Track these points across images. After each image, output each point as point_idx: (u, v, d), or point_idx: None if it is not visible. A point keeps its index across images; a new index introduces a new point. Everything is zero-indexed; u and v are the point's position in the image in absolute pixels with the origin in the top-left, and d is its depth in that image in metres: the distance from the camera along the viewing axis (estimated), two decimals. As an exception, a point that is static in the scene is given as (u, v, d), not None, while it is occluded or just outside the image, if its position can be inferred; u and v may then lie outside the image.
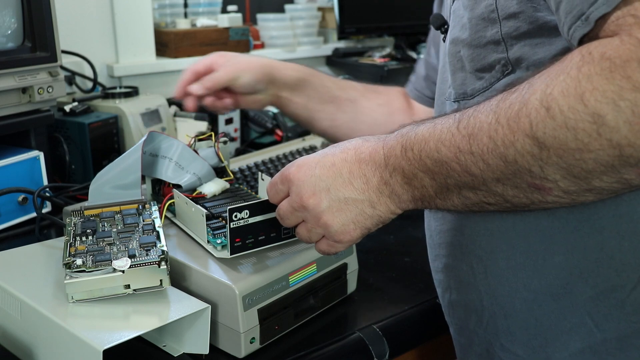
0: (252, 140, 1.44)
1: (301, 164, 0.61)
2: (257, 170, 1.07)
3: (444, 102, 0.71)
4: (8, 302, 0.66)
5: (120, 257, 0.64)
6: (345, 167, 0.59)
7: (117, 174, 0.78)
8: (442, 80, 0.72)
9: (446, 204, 0.56)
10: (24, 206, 0.98)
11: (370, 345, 0.71)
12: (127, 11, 1.39)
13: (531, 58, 0.58)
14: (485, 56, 0.61)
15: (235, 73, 0.91)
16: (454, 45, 0.65)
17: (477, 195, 0.53)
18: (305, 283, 0.71)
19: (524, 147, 0.47)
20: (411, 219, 1.05)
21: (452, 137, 0.52)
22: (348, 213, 0.59)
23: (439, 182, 0.54)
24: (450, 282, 0.70)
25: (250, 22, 1.72)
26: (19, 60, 0.96)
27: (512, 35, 0.58)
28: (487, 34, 0.60)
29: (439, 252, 0.71)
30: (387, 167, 0.57)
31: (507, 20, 0.58)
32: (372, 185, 0.58)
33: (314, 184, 0.59)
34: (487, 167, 0.50)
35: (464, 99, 0.65)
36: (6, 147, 1.02)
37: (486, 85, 0.62)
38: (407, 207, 0.59)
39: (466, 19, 0.63)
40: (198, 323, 0.63)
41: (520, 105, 0.47)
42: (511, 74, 0.59)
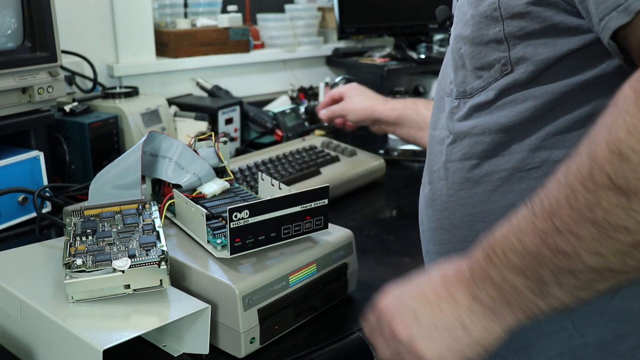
0: (252, 140, 1.44)
1: (389, 295, 0.59)
2: (257, 170, 1.07)
3: (443, 97, 0.71)
4: (8, 302, 0.66)
5: (120, 257, 0.64)
6: (432, 292, 0.55)
7: (117, 174, 0.78)
8: (444, 74, 0.72)
9: (551, 301, 0.50)
10: (24, 206, 0.98)
11: (370, 345, 0.71)
12: (127, 11, 1.39)
13: (534, 58, 0.57)
14: (486, 54, 0.61)
15: (345, 111, 1.20)
16: (456, 42, 0.65)
17: (579, 279, 0.48)
18: (305, 283, 0.71)
19: (610, 203, 0.43)
20: (411, 219, 1.05)
21: (533, 224, 0.49)
22: (441, 340, 0.54)
23: (533, 277, 0.49)
24: None
25: (250, 22, 1.72)
26: (19, 60, 0.96)
27: (516, 35, 0.58)
28: (489, 32, 0.60)
29: (429, 247, 0.72)
30: (474, 280, 0.53)
31: (511, 19, 0.58)
32: (461, 306, 0.53)
33: (403, 313, 0.56)
34: (579, 241, 0.46)
35: (464, 97, 0.65)
36: (6, 147, 1.02)
37: (484, 85, 0.62)
38: (506, 322, 0.52)
39: (469, 15, 0.62)
40: (198, 323, 0.63)
41: (590, 162, 0.45)
42: (509, 74, 0.59)
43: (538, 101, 0.59)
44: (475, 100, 0.63)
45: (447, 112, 0.68)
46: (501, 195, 0.62)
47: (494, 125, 0.62)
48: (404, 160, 1.36)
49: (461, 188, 0.65)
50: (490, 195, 0.62)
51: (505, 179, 0.61)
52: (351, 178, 1.14)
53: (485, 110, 0.63)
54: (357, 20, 1.62)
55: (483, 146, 0.63)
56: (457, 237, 0.66)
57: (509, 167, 0.61)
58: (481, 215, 0.63)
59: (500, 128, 0.61)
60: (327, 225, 0.74)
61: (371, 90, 1.23)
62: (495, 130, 0.61)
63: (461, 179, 0.65)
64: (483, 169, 0.63)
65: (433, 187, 0.70)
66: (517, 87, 0.60)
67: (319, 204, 0.72)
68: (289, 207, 0.69)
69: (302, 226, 0.71)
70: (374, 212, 1.11)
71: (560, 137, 0.58)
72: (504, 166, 0.61)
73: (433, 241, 0.70)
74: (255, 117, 1.43)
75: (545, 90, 0.58)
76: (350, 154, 1.20)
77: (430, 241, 0.71)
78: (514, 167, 0.61)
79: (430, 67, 1.69)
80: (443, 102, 0.71)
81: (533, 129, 0.60)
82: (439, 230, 0.68)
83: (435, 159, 0.70)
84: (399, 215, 1.09)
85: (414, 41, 1.73)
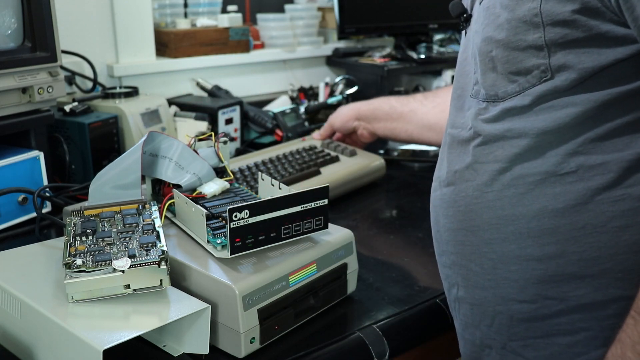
0: (252, 140, 1.44)
1: None
2: (257, 170, 1.07)
3: (464, 97, 0.69)
4: (8, 302, 0.66)
5: (120, 257, 0.64)
6: None
7: (117, 174, 0.78)
8: (463, 73, 0.71)
9: None
10: (24, 206, 0.98)
11: (370, 345, 0.71)
12: (127, 11, 1.39)
13: (576, 66, 0.56)
14: (522, 60, 0.60)
15: (331, 121, 1.27)
16: (486, 44, 0.63)
17: None
18: (305, 283, 0.71)
19: None
20: (411, 219, 1.06)
21: None
22: None
23: None
24: (458, 278, 0.70)
25: (250, 22, 1.72)
26: (19, 60, 0.96)
27: (558, 42, 0.57)
28: (527, 38, 0.58)
29: (446, 248, 0.71)
30: None
31: (553, 26, 0.57)
32: None
33: None
34: None
35: (494, 101, 0.63)
36: (6, 147, 1.02)
37: (519, 89, 0.61)
38: None
39: (504, 19, 0.60)
40: (198, 323, 0.63)
41: None
42: (549, 80, 0.58)
43: (579, 108, 0.58)
44: (508, 104, 0.62)
45: (472, 112, 0.66)
46: (533, 199, 0.61)
47: (530, 130, 0.60)
48: (404, 160, 1.36)
49: (490, 190, 0.64)
50: (522, 198, 0.62)
51: (538, 182, 0.60)
52: (351, 178, 1.14)
53: (520, 115, 0.61)
54: (357, 20, 1.62)
55: (517, 149, 0.62)
56: (483, 239, 0.65)
57: (543, 170, 0.60)
58: (511, 218, 0.62)
59: (537, 132, 0.60)
60: (327, 225, 0.74)
61: None
62: (531, 135, 0.60)
63: (490, 181, 0.64)
64: (515, 171, 0.62)
65: (455, 188, 0.68)
66: (556, 93, 0.58)
67: (319, 204, 0.72)
68: (289, 207, 0.69)
69: (302, 226, 0.71)
70: (374, 212, 1.11)
71: (599, 143, 0.58)
72: (538, 170, 0.61)
73: (452, 242, 0.69)
74: (255, 117, 1.43)
75: (587, 97, 0.57)
76: (350, 154, 1.20)
77: (448, 242, 0.70)
78: (548, 171, 0.60)
79: (430, 67, 1.69)
80: (462, 101, 0.69)
81: (571, 134, 0.59)
82: (461, 231, 0.68)
83: (456, 159, 0.69)
84: (399, 215, 1.09)
85: (414, 41, 1.73)
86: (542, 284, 0.61)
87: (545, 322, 0.62)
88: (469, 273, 0.67)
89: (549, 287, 0.61)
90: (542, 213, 0.60)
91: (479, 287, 0.66)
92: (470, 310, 0.69)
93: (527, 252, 0.61)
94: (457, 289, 0.70)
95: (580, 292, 0.60)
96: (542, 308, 0.62)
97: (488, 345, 0.68)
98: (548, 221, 0.60)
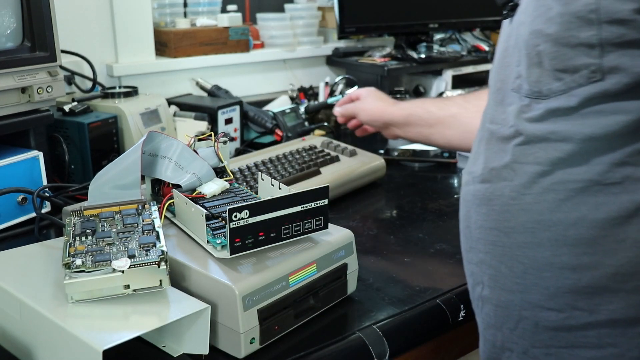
0: (252, 140, 1.44)
1: None
2: (257, 170, 1.07)
3: (504, 90, 0.66)
4: (8, 302, 0.65)
5: (120, 257, 0.64)
6: None
7: (116, 174, 0.78)
8: (504, 64, 0.66)
9: None
10: (23, 206, 0.98)
11: (370, 345, 0.71)
12: (127, 11, 1.39)
13: (630, 70, 0.54)
14: (571, 58, 0.56)
15: (357, 110, 1.25)
16: (533, 37, 0.59)
17: None
18: (305, 283, 0.71)
19: None
20: (411, 219, 1.06)
21: None
22: None
23: None
24: (485, 278, 0.68)
25: (250, 21, 1.72)
26: (18, 60, 0.96)
27: (612, 42, 0.54)
28: (580, 35, 0.55)
29: (475, 245, 0.68)
30: None
31: (609, 25, 0.54)
32: None
33: None
34: None
35: (538, 98, 0.60)
36: (5, 147, 1.02)
37: (564, 88, 0.58)
38: None
39: (555, 12, 0.57)
40: (198, 323, 0.63)
41: None
42: (598, 82, 0.55)
43: (630, 116, 0.55)
44: (553, 103, 0.59)
45: (514, 109, 0.63)
46: (573, 206, 0.58)
47: (576, 134, 0.57)
48: (404, 160, 1.36)
49: (528, 192, 0.61)
50: (561, 205, 0.59)
51: (580, 190, 0.58)
52: (351, 178, 1.14)
53: (565, 116, 0.58)
54: (357, 20, 1.62)
55: (560, 153, 0.59)
56: (516, 242, 0.63)
57: (586, 178, 0.58)
58: (547, 223, 0.60)
59: (582, 138, 0.57)
60: (327, 225, 0.74)
61: (384, 94, 1.27)
62: (577, 140, 0.58)
63: (529, 183, 0.61)
64: (556, 176, 0.59)
65: (491, 186, 0.65)
66: (606, 97, 0.56)
67: (319, 204, 0.72)
68: (289, 207, 0.69)
69: (302, 226, 0.71)
70: (374, 212, 1.11)
71: None
72: (581, 177, 0.58)
73: (483, 240, 0.67)
74: (255, 117, 1.43)
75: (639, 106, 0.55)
76: (350, 154, 1.20)
77: (479, 239, 0.68)
78: (592, 180, 0.57)
79: (431, 66, 1.69)
80: (503, 95, 0.66)
81: (619, 143, 0.56)
82: (494, 231, 0.65)
83: (494, 156, 0.66)
84: (399, 215, 1.09)
85: (414, 41, 1.73)
86: (574, 294, 0.59)
87: (571, 333, 0.61)
88: (497, 274, 0.65)
89: (580, 297, 0.59)
90: (581, 221, 0.58)
91: (506, 290, 0.64)
92: (493, 311, 0.67)
93: (561, 260, 0.59)
94: (482, 288, 0.68)
95: (613, 307, 0.58)
96: (570, 318, 0.60)
97: (509, 348, 0.66)
98: (587, 231, 0.58)
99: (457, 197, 1.15)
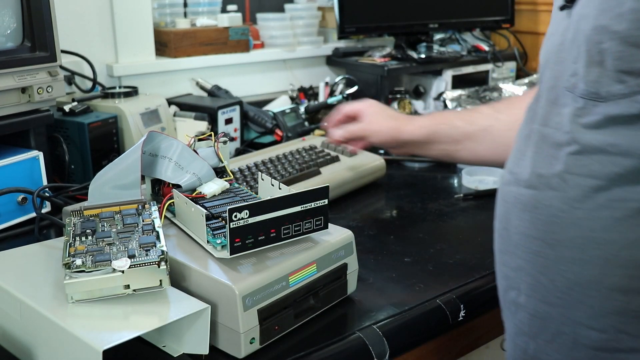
0: (252, 140, 1.44)
1: None
2: (257, 170, 1.07)
3: (558, 88, 0.61)
4: (8, 302, 0.65)
5: (120, 257, 0.64)
6: None
7: (116, 174, 0.78)
8: (559, 59, 0.61)
9: None
10: (24, 206, 0.98)
11: (370, 345, 0.71)
12: (127, 11, 1.39)
13: None
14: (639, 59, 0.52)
15: (367, 132, 1.04)
16: (597, 34, 0.55)
17: None
18: (305, 283, 0.71)
19: None
20: (411, 219, 1.06)
21: None
22: None
23: None
24: (522, 285, 0.64)
25: (250, 21, 1.72)
26: (18, 60, 0.96)
27: None
28: None
29: (514, 250, 0.65)
30: None
31: None
32: None
33: None
34: None
35: (594, 100, 0.56)
36: (5, 147, 1.02)
37: (626, 92, 0.53)
38: None
39: (628, 7, 0.52)
40: (198, 323, 0.63)
41: None
42: None
43: None
44: (613, 109, 0.54)
45: (569, 112, 0.59)
46: (630, 227, 0.55)
47: (638, 150, 0.53)
48: (403, 160, 1.36)
49: (580, 207, 0.57)
50: (617, 224, 0.55)
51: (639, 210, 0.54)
52: (351, 178, 1.14)
53: (627, 126, 0.54)
54: (357, 20, 1.62)
55: (619, 169, 0.55)
56: (562, 256, 0.59)
57: None
58: (599, 241, 0.56)
59: None
60: (327, 225, 0.74)
61: (390, 108, 1.14)
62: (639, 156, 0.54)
63: (582, 197, 0.57)
64: (614, 193, 0.55)
65: (538, 194, 0.61)
66: None
67: (319, 204, 0.72)
68: (289, 207, 0.69)
69: (302, 226, 0.71)
70: (374, 212, 1.11)
71: None
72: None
73: (523, 247, 0.63)
74: (255, 117, 1.43)
75: None
76: (350, 154, 1.20)
77: (519, 245, 0.64)
78: None
79: (431, 66, 1.69)
80: (556, 93, 0.61)
81: None
82: (537, 241, 0.62)
83: (544, 162, 0.61)
84: (399, 215, 1.09)
85: (414, 41, 1.73)
86: (621, 316, 0.56)
87: (613, 355, 0.58)
88: (537, 285, 0.62)
89: (627, 321, 0.56)
90: (637, 243, 0.54)
91: (545, 302, 0.61)
92: (529, 320, 0.64)
93: (611, 280, 0.56)
94: (517, 294, 0.65)
95: None
96: (613, 340, 0.57)
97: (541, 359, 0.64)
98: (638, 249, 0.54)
99: (457, 197, 1.15)
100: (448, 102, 1.61)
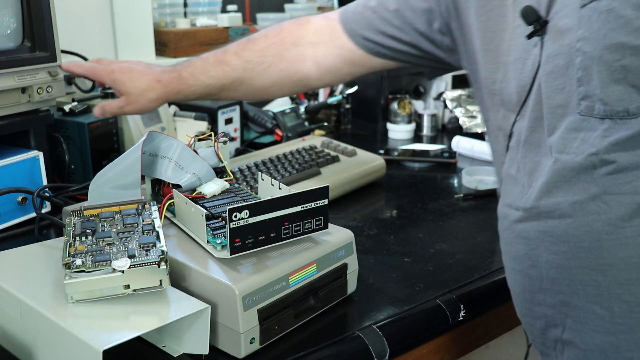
0: (252, 140, 1.44)
1: None
2: (257, 170, 1.07)
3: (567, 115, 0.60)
4: (8, 302, 0.65)
5: (120, 257, 0.64)
6: None
7: (116, 174, 0.78)
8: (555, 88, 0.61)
9: None
10: (24, 206, 0.98)
11: (370, 345, 0.71)
12: (127, 11, 1.39)
13: None
14: None
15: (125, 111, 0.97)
16: (612, 52, 0.55)
17: None
18: (305, 283, 0.71)
19: None
20: (411, 219, 1.06)
21: None
22: None
23: None
24: (566, 320, 0.63)
25: (250, 21, 1.72)
26: (18, 60, 0.96)
27: None
28: None
29: (551, 286, 0.63)
30: None
31: None
32: None
33: None
34: None
35: (623, 118, 0.55)
36: (5, 147, 1.02)
37: None
38: None
39: None
40: (198, 323, 0.63)
41: None
42: None
43: None
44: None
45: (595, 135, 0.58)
46: None
47: None
48: (403, 160, 1.36)
49: (628, 225, 0.57)
50: None
51: None
52: (351, 178, 1.14)
53: None
54: (357, 20, 1.62)
55: None
56: (616, 279, 0.58)
57: None
58: None
59: None
60: (327, 225, 0.74)
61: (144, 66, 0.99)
62: None
63: (629, 215, 0.57)
64: None
65: (575, 221, 0.60)
66: None
67: (319, 204, 0.72)
68: (289, 207, 0.69)
69: (302, 226, 0.71)
70: (374, 212, 1.11)
71: None
72: None
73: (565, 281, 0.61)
74: (255, 117, 1.43)
75: None
76: (350, 154, 1.20)
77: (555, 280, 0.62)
78: None
79: (430, 66, 1.68)
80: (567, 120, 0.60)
81: None
82: (582, 269, 0.60)
83: (573, 189, 0.60)
84: (399, 215, 1.09)
85: (414, 41, 1.72)
86: None
87: None
88: (589, 316, 0.60)
89: None
90: None
91: (602, 332, 0.60)
92: (581, 355, 0.62)
93: None
94: (561, 331, 0.63)
95: None
96: None
97: None
98: None
99: (457, 197, 1.15)
100: (448, 102, 1.62)
